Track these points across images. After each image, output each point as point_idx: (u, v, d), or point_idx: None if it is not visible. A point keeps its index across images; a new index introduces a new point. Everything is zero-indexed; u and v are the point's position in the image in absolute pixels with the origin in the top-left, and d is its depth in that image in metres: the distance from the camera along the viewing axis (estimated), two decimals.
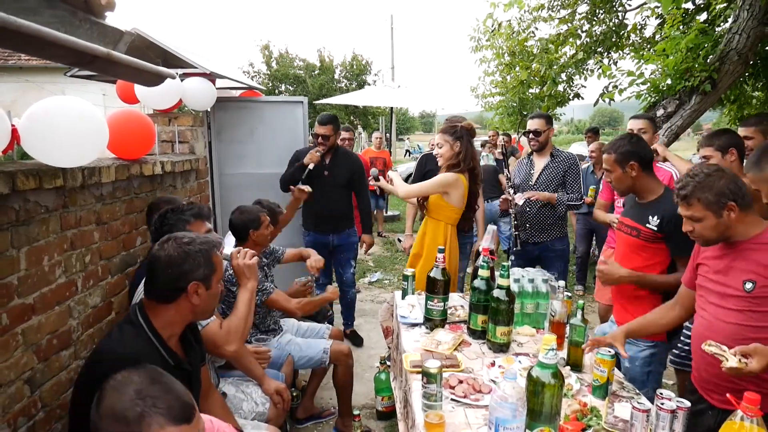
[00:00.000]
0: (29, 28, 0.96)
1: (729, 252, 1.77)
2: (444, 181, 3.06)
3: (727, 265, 1.76)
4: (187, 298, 1.63)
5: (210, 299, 1.69)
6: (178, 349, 1.72)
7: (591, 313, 4.99)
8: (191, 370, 1.75)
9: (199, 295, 1.64)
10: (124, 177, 2.54)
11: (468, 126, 3.17)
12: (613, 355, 1.80)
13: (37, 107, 1.95)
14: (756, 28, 4.15)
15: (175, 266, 1.61)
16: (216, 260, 1.70)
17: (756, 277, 1.66)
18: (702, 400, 1.80)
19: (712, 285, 1.80)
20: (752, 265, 1.69)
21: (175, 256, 1.62)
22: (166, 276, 1.62)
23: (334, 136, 3.88)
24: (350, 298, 4.32)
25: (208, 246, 1.68)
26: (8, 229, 1.78)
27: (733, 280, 1.73)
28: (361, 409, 3.08)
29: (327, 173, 3.93)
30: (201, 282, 1.64)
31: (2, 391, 1.76)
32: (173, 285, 1.62)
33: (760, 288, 1.65)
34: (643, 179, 2.30)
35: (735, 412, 1.25)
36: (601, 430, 1.63)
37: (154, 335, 1.62)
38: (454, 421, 1.66)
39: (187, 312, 1.67)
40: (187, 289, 1.62)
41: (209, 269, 1.66)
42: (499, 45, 6.85)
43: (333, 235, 4.01)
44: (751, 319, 1.66)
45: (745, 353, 1.49)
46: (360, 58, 18.64)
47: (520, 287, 2.43)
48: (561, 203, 3.45)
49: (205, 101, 3.68)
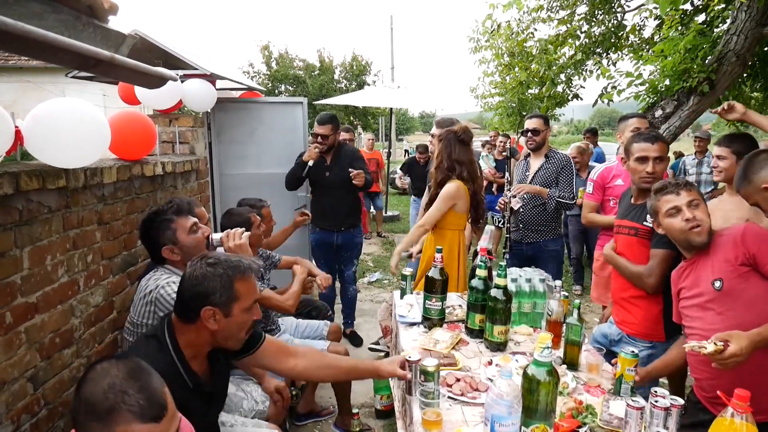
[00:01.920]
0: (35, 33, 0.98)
1: (693, 263, 1.89)
2: (449, 194, 2.98)
3: (696, 275, 1.86)
4: (202, 323, 1.56)
5: (232, 327, 1.59)
6: (202, 367, 1.67)
7: (588, 313, 5.02)
8: (213, 391, 1.70)
9: (216, 321, 1.56)
10: (125, 177, 2.57)
11: (458, 130, 3.05)
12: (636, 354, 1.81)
13: (41, 109, 1.98)
14: (754, 30, 4.16)
15: (193, 287, 1.56)
16: (240, 288, 1.58)
17: (721, 274, 1.75)
18: (706, 411, 1.83)
19: (692, 301, 1.87)
20: (716, 265, 1.78)
21: (195, 277, 1.56)
22: (185, 296, 1.57)
23: (333, 136, 3.88)
24: (351, 295, 4.35)
25: (233, 272, 1.57)
26: (12, 228, 1.81)
27: (703, 285, 1.81)
28: (360, 407, 3.10)
29: (328, 174, 3.95)
30: (217, 308, 1.55)
31: (6, 389, 1.78)
32: (189, 306, 1.56)
33: (728, 282, 1.73)
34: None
35: (726, 409, 1.27)
36: (596, 427, 1.66)
37: (177, 353, 1.57)
38: (452, 419, 1.69)
39: (206, 336, 1.59)
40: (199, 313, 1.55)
41: (227, 296, 1.56)
42: (498, 46, 6.86)
43: (337, 233, 4.04)
44: (733, 318, 1.69)
45: (721, 339, 1.55)
46: (360, 59, 18.64)
47: (518, 287, 2.45)
48: (551, 198, 3.47)
49: (205, 102, 3.70)
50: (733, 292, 1.72)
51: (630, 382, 1.78)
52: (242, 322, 1.61)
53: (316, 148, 3.80)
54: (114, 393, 1.06)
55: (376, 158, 8.50)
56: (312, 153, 3.79)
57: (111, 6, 1.40)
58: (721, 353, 1.54)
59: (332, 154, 3.95)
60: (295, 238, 4.44)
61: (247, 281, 1.61)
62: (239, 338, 1.65)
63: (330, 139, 3.86)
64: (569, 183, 3.52)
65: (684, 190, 1.88)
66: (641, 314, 2.33)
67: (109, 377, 1.09)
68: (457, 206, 3.02)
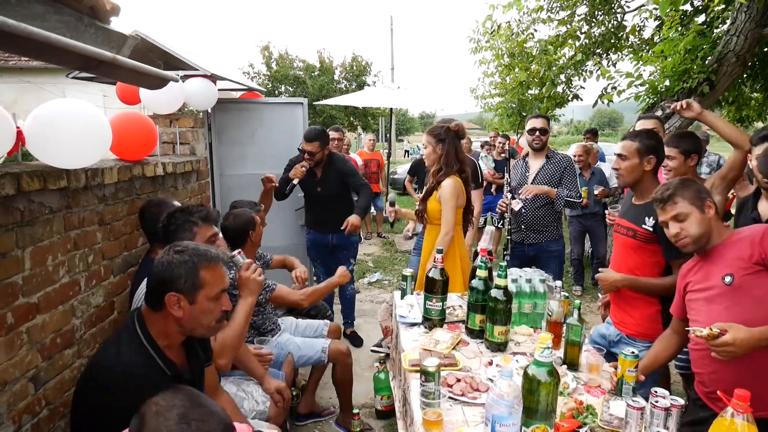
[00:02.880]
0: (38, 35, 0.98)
1: (705, 258, 1.89)
2: (452, 193, 3.02)
3: (707, 270, 1.86)
4: (167, 310, 1.57)
5: (197, 314, 1.59)
6: (179, 356, 1.68)
7: (588, 314, 5.02)
8: (192, 378, 1.70)
9: (182, 308, 1.57)
10: (126, 178, 2.57)
11: (455, 127, 3.12)
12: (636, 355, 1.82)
13: (42, 109, 1.98)
14: (754, 30, 4.17)
15: (159, 273, 1.57)
16: (206, 275, 1.59)
17: (733, 270, 1.76)
18: (706, 408, 1.84)
19: (699, 294, 1.87)
20: (728, 261, 1.79)
21: (161, 263, 1.58)
22: (152, 281, 1.60)
23: (321, 152, 3.85)
24: (349, 294, 4.36)
25: (199, 259, 1.59)
26: (13, 229, 1.81)
27: (714, 279, 1.82)
28: (361, 408, 3.10)
29: (320, 189, 3.97)
30: (181, 294, 1.56)
31: (7, 389, 1.78)
32: (155, 293, 1.58)
33: (738, 278, 1.74)
34: (650, 178, 2.34)
35: (726, 409, 1.28)
36: (596, 427, 1.66)
37: (151, 344, 1.58)
38: (452, 419, 1.69)
39: (173, 324, 1.60)
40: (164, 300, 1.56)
41: (191, 282, 1.56)
42: (498, 46, 6.87)
43: (332, 234, 4.05)
44: (740, 314, 1.69)
45: (721, 328, 1.60)
46: (360, 59, 18.63)
47: (518, 287, 2.46)
48: (560, 198, 3.48)
49: (206, 102, 3.70)
50: (743, 288, 1.73)
51: (631, 383, 1.79)
52: (208, 310, 1.61)
53: (303, 166, 3.79)
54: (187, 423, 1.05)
55: (377, 159, 8.50)
56: (298, 172, 3.77)
57: (113, 7, 1.40)
58: (715, 338, 1.58)
59: (322, 168, 3.95)
60: (290, 239, 4.47)
61: (213, 269, 1.61)
62: (208, 326, 1.64)
63: (318, 156, 3.83)
64: (574, 182, 3.54)
65: (669, 205, 1.88)
66: (639, 314, 2.33)
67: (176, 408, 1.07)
68: (458, 201, 3.09)
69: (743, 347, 1.56)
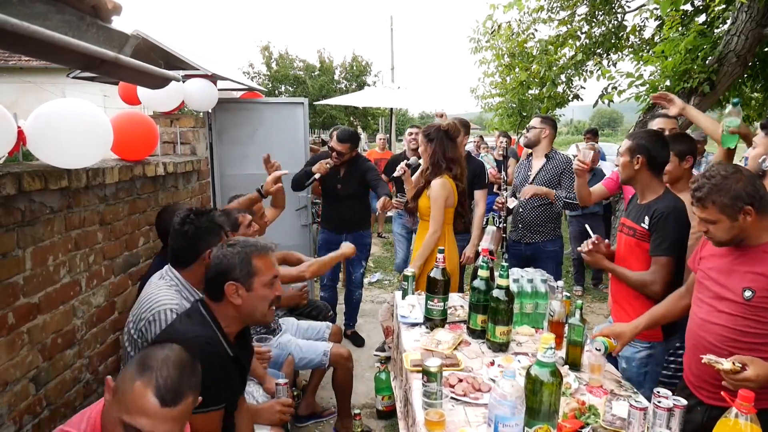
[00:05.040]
0: (41, 34, 0.98)
1: (734, 252, 1.74)
2: (440, 193, 3.08)
3: (729, 266, 1.74)
4: (228, 299, 1.70)
5: (255, 301, 1.72)
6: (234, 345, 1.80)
7: (590, 314, 5.02)
8: (246, 363, 1.85)
9: (240, 296, 1.69)
10: (127, 178, 2.57)
11: (446, 127, 3.15)
12: None
13: (43, 109, 1.98)
14: (754, 30, 4.17)
15: (215, 267, 1.72)
16: (258, 263, 1.73)
17: (756, 286, 1.65)
18: (692, 396, 1.83)
19: (711, 284, 1.80)
20: (755, 272, 1.66)
21: (217, 257, 1.74)
22: (210, 276, 1.74)
23: (349, 154, 3.91)
24: (356, 298, 4.35)
25: (250, 249, 1.73)
26: (14, 229, 1.81)
27: (732, 284, 1.71)
28: (362, 408, 3.10)
29: (340, 187, 4.00)
30: (238, 282, 1.68)
31: (8, 390, 1.78)
32: (215, 284, 1.71)
33: (759, 298, 1.64)
34: (645, 177, 2.33)
35: (729, 409, 1.27)
36: (598, 428, 1.66)
37: (216, 325, 1.71)
38: (454, 419, 1.68)
39: (233, 312, 1.73)
40: (224, 290, 1.68)
41: (246, 270, 1.70)
42: (498, 46, 6.87)
43: (347, 234, 4.05)
44: (744, 325, 1.67)
45: (741, 362, 1.52)
46: (360, 59, 18.65)
47: (519, 287, 2.45)
48: (559, 199, 3.48)
49: (206, 102, 3.70)
50: (759, 309, 1.65)
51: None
52: (264, 296, 1.74)
53: (328, 163, 3.80)
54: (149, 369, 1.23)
55: (388, 159, 8.47)
56: (322, 167, 3.78)
57: (114, 6, 1.40)
58: (736, 374, 1.51)
59: (346, 167, 3.98)
60: (295, 238, 4.46)
61: (264, 258, 1.75)
62: (264, 312, 1.77)
63: (345, 156, 3.90)
64: (572, 184, 3.52)
65: (698, 207, 1.74)
66: (639, 314, 2.33)
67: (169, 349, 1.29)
68: (448, 200, 3.13)
69: (760, 383, 1.51)
